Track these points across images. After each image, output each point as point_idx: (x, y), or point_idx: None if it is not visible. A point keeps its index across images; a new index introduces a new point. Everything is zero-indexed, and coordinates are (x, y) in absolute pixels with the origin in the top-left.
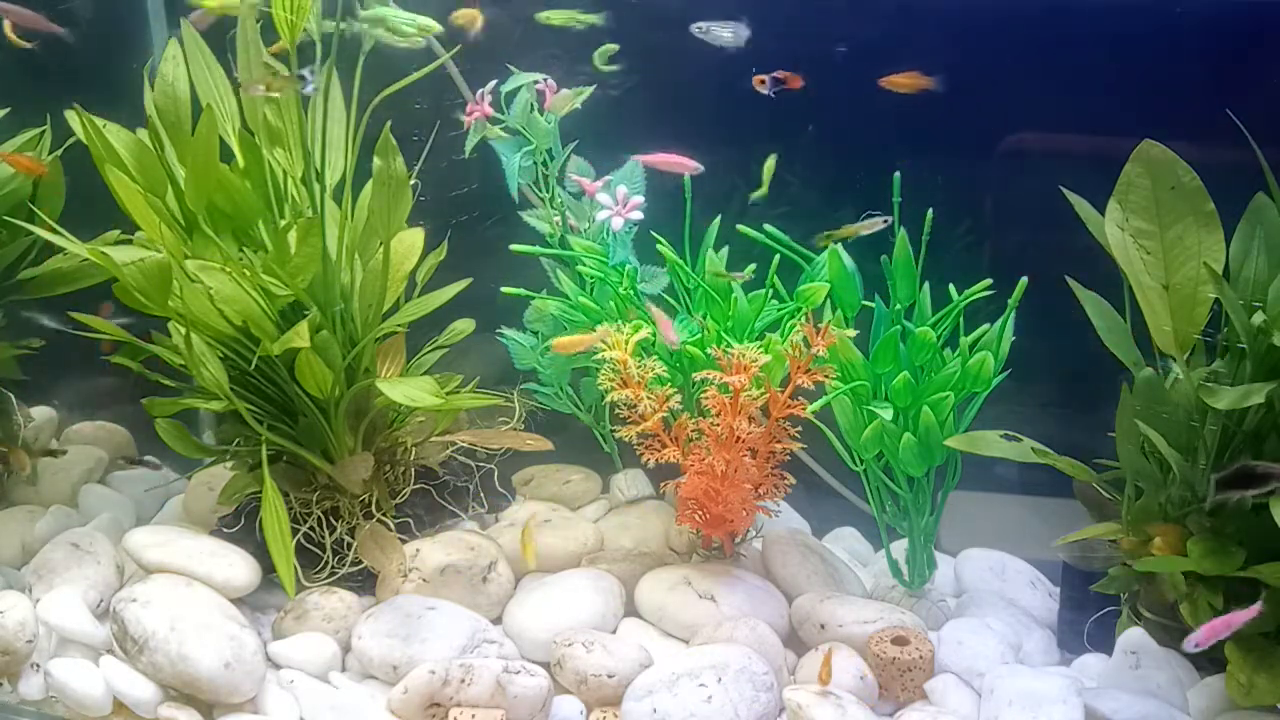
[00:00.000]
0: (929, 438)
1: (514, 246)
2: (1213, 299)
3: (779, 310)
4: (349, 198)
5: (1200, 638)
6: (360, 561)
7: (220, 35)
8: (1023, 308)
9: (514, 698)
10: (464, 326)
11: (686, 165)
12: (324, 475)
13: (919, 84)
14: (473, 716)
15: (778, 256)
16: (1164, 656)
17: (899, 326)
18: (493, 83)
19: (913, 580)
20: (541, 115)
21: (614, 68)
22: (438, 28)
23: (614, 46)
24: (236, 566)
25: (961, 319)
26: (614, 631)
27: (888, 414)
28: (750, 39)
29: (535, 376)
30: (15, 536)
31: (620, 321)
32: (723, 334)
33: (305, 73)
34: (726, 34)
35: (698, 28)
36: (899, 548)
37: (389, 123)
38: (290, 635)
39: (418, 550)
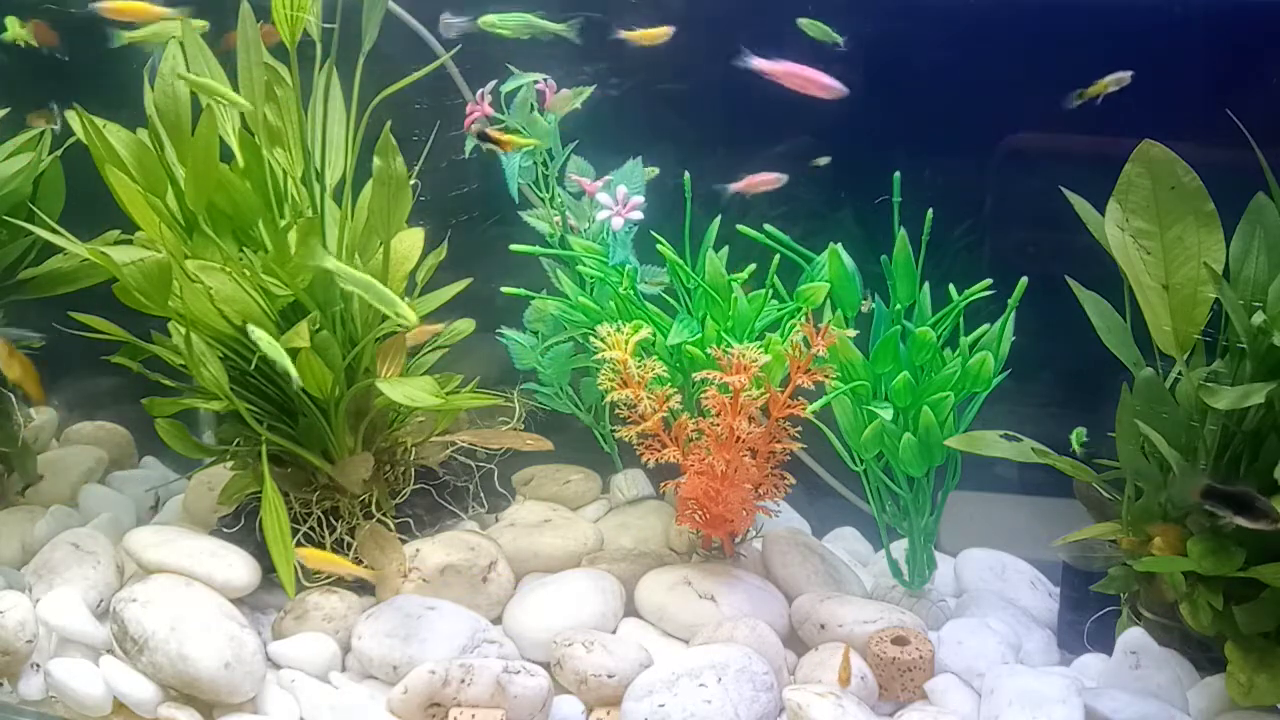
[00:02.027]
0: (929, 438)
1: (514, 246)
2: (1213, 299)
3: (779, 310)
4: (349, 198)
5: None
6: (360, 561)
7: (221, 36)
8: (1023, 307)
9: (514, 698)
10: (464, 326)
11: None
12: (324, 475)
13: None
14: (473, 716)
15: (777, 256)
16: (1164, 656)
17: (899, 326)
18: (492, 83)
19: (913, 580)
20: (541, 115)
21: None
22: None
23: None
24: (236, 566)
25: (961, 319)
26: (614, 631)
27: (888, 414)
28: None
29: (535, 376)
30: (15, 536)
31: (620, 321)
32: (723, 334)
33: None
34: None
35: (445, 23)
36: (899, 548)
37: (389, 123)
38: (290, 635)
39: (418, 550)
